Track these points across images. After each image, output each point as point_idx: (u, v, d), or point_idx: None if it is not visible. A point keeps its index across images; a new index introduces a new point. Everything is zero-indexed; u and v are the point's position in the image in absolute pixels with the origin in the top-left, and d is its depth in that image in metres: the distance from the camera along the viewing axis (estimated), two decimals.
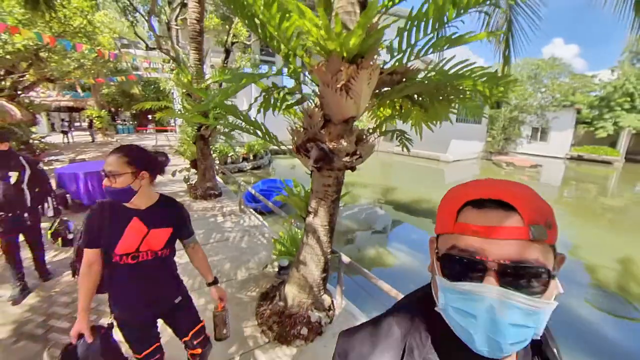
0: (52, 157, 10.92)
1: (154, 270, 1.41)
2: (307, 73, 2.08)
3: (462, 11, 1.64)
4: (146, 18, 10.30)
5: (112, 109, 25.28)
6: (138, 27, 11.75)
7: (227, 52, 9.16)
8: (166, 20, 10.13)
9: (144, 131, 24.72)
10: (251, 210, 5.54)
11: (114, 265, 1.34)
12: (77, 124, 27.77)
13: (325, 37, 1.62)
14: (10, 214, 2.72)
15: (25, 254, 2.99)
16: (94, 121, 18.03)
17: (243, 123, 2.31)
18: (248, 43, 12.59)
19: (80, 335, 1.28)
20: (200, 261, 1.61)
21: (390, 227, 6.95)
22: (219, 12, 11.31)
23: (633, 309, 4.32)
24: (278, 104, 2.14)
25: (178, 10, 11.19)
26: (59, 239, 3.37)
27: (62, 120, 21.86)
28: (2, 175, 2.68)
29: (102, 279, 1.38)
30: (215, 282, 1.62)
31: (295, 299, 2.40)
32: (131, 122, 27.11)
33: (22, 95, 12.58)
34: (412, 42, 1.79)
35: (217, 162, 10.28)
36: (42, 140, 12.15)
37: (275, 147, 2.68)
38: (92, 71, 14.09)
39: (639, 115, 20.95)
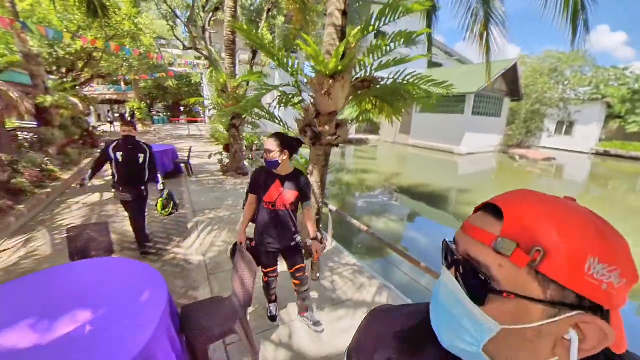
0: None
1: (283, 217, 2.08)
2: (305, 83, 3.25)
3: (394, 46, 2.73)
4: (185, 23, 11.74)
5: (149, 101, 27.62)
6: (177, 30, 13.28)
7: (254, 52, 10.42)
8: (202, 25, 11.56)
9: (177, 122, 26.82)
10: None
11: (261, 208, 2.09)
12: (117, 114, 30.42)
13: (315, 62, 2.78)
14: (132, 187, 3.32)
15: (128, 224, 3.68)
16: (136, 112, 20.10)
17: (267, 115, 3.53)
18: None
19: (240, 243, 2.19)
20: (309, 221, 2.24)
21: (406, 218, 7.80)
22: (247, 17, 12.57)
23: None
24: (288, 102, 3.34)
25: (211, 14, 12.58)
26: (169, 207, 3.55)
27: (108, 111, 24.27)
28: (134, 157, 3.28)
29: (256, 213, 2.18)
30: (315, 238, 2.18)
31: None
32: (165, 114, 29.45)
33: (79, 89, 14.62)
34: (372, 62, 2.92)
35: (245, 148, 11.70)
36: (98, 129, 14.12)
37: (299, 136, 3.89)
38: (135, 68, 15.91)
39: None
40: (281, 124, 3.56)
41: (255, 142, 12.57)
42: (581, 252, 0.35)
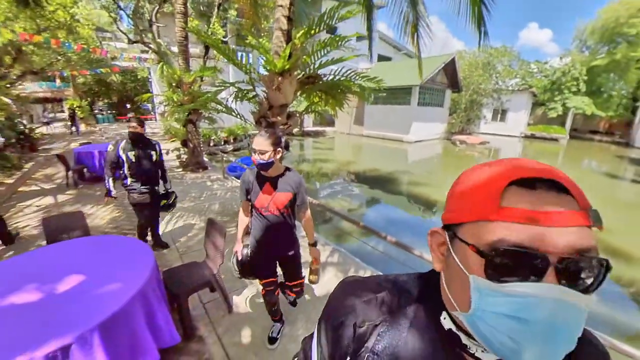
0: (48, 146, 11.93)
1: (277, 223, 1.89)
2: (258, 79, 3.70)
3: (329, 49, 3.28)
4: (130, 16, 11.28)
5: (89, 99, 25.54)
6: (121, 22, 12.65)
7: (207, 47, 10.41)
8: (148, 18, 11.18)
9: (125, 120, 25.24)
10: (233, 177, 7.15)
11: (254, 214, 1.93)
12: (51, 115, 27.68)
13: (266, 62, 3.24)
14: (150, 187, 3.22)
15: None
16: (77, 111, 18.57)
17: (226, 109, 3.91)
18: (225, 39, 13.79)
19: (235, 252, 2.04)
20: (307, 225, 2.05)
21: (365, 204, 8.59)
22: (197, 10, 12.39)
23: None
24: (244, 97, 3.76)
25: (157, 6, 12.19)
26: (170, 208, 3.57)
27: (44, 111, 22.09)
28: (147, 154, 3.15)
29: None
30: (314, 244, 2.06)
31: None
32: (109, 112, 27.46)
33: (10, 88, 13.30)
34: (314, 61, 3.44)
35: (202, 143, 11.69)
36: (36, 131, 13.03)
37: (254, 132, 4.30)
38: (72, 63, 14.81)
39: (583, 97, 23.79)
40: (240, 117, 3.96)
41: (213, 137, 12.59)
42: None
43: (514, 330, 0.35)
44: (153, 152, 3.22)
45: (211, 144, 12.14)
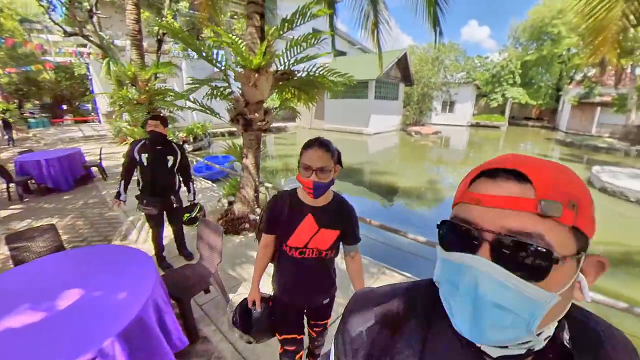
0: None
1: (315, 267, 1.43)
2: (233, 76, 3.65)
3: (306, 45, 3.36)
4: (65, 5, 10.18)
5: (16, 100, 22.49)
6: (54, 12, 11.34)
7: (160, 41, 9.79)
8: (88, 7, 10.16)
9: (61, 123, 22.73)
10: (200, 177, 6.91)
11: (283, 254, 1.42)
12: None
13: (241, 59, 3.22)
14: (160, 198, 2.86)
15: (165, 233, 3.23)
16: (6, 117, 16.16)
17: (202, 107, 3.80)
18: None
19: (253, 303, 1.49)
20: (356, 272, 1.51)
21: None
22: (144, 1, 11.52)
23: None
24: (220, 94, 3.69)
25: None
26: (195, 222, 3.13)
27: None
28: (162, 160, 2.77)
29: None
30: None
31: (240, 210, 4.05)
32: (43, 115, 24.45)
33: None
34: (288, 58, 3.49)
35: None
36: None
37: (214, 130, 4.22)
38: None
39: (518, 89, 26.61)
40: (217, 115, 3.88)
41: (171, 138, 11.97)
42: (591, 198, 0.38)
43: (452, 295, 0.40)
44: (170, 158, 2.82)
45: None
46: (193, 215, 3.06)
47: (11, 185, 5.57)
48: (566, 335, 0.43)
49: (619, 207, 7.45)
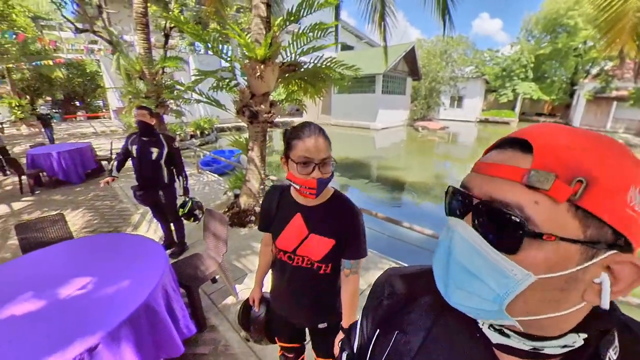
0: None
1: (307, 281, 1.18)
2: (239, 68, 3.64)
3: (313, 35, 3.32)
4: (76, 1, 10.31)
5: (28, 97, 22.94)
6: (65, 8, 11.47)
7: (167, 36, 9.82)
8: (97, 3, 10.23)
9: (74, 119, 23.14)
10: (207, 171, 6.96)
11: (276, 257, 1.24)
12: None
13: (247, 50, 3.20)
14: (147, 190, 2.83)
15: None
16: (15, 110, 16.56)
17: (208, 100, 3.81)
18: None
19: (254, 301, 1.41)
20: (348, 295, 1.17)
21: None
22: None
23: None
24: (225, 86, 3.69)
25: None
26: (192, 218, 3.04)
27: None
28: (146, 151, 2.71)
29: None
30: (343, 329, 1.21)
31: (245, 203, 4.06)
32: (55, 110, 24.90)
33: None
34: (295, 49, 3.46)
35: None
36: None
37: (221, 125, 4.22)
38: (7, 55, 13.25)
39: (530, 83, 25.90)
40: (223, 108, 3.88)
41: (178, 132, 12.07)
42: (624, 181, 0.30)
43: (435, 254, 0.42)
44: (154, 150, 2.73)
45: (178, 139, 11.64)
46: (186, 211, 2.93)
47: (23, 177, 5.69)
48: (612, 355, 0.35)
49: None
